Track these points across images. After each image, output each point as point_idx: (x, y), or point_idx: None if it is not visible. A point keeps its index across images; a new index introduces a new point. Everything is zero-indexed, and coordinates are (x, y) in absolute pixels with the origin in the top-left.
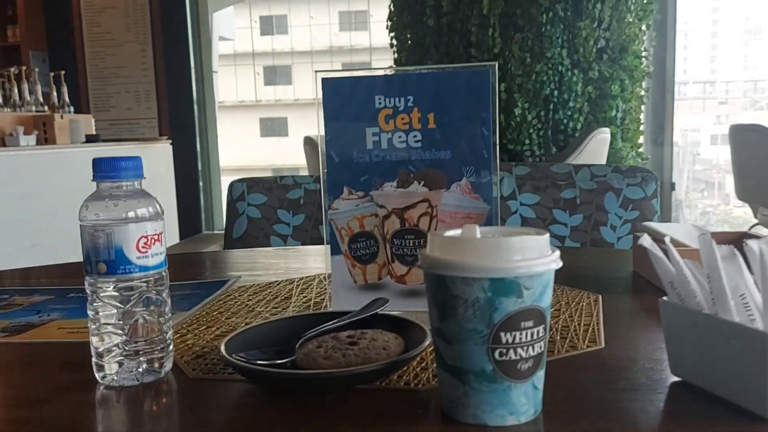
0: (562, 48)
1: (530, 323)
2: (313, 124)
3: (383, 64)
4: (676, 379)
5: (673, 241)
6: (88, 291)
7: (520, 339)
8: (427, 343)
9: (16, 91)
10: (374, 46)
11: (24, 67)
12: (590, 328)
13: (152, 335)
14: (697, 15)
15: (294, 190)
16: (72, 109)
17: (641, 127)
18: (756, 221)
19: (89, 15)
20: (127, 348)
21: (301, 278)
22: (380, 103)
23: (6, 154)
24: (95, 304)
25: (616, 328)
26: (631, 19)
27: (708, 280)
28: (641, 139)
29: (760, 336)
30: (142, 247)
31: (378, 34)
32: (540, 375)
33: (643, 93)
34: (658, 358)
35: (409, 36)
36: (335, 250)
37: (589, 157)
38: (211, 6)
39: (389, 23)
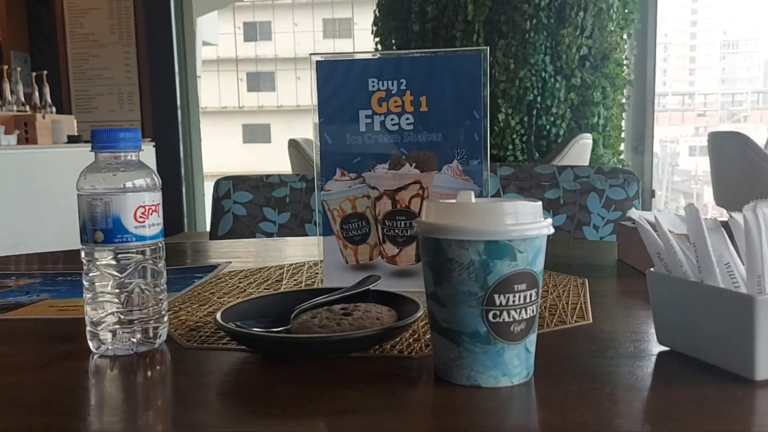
0: (545, 55)
1: (523, 286)
2: (297, 131)
3: None
4: (663, 348)
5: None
6: (84, 260)
7: (514, 301)
8: (419, 314)
9: None
10: None
11: (6, 66)
12: (578, 306)
13: (147, 305)
14: (676, 29)
15: (280, 189)
16: (54, 109)
17: (622, 134)
18: None
19: (72, 16)
20: (122, 317)
21: (291, 264)
22: (373, 86)
23: None
24: (91, 273)
25: (603, 306)
26: (612, 28)
27: (694, 249)
28: (622, 146)
29: (747, 299)
30: (140, 217)
31: (362, 41)
32: (532, 338)
33: (624, 101)
34: (645, 331)
35: (393, 41)
36: (327, 231)
37: (572, 162)
38: (196, 10)
39: (374, 28)
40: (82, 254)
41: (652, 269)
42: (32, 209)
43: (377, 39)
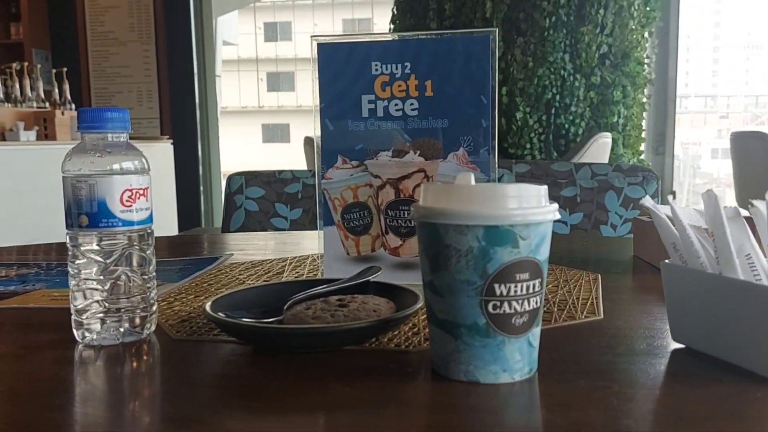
0: (564, 53)
1: (526, 275)
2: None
3: None
4: (677, 345)
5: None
6: (69, 246)
7: (515, 292)
8: (418, 306)
9: (17, 86)
10: None
11: (26, 63)
12: (589, 302)
13: (134, 293)
14: (698, 29)
15: (292, 184)
16: (73, 106)
17: (643, 134)
18: None
19: (93, 14)
20: (107, 305)
21: (295, 257)
22: (377, 70)
23: (5, 149)
24: (77, 260)
25: (616, 303)
26: (633, 26)
27: (713, 239)
28: (642, 147)
29: None
30: (126, 201)
31: None
32: (536, 332)
33: (645, 100)
34: (659, 327)
35: None
36: (328, 221)
37: (591, 161)
38: (215, 9)
39: (392, 26)
40: (67, 239)
41: (666, 261)
42: (49, 205)
43: None
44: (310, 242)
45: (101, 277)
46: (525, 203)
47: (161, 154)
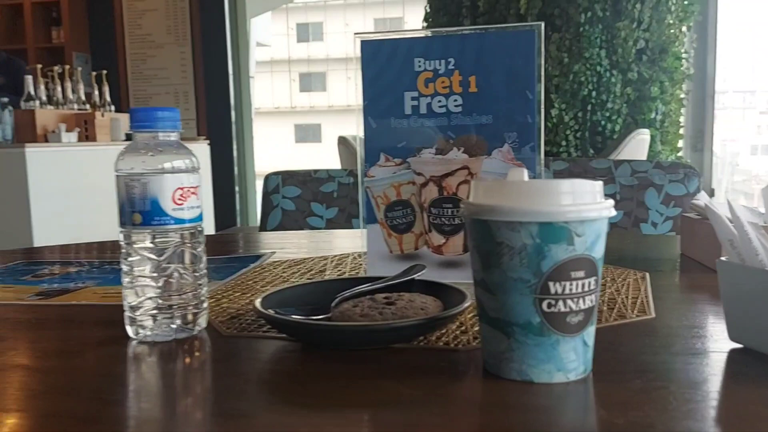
0: (600, 48)
1: (581, 273)
2: (346, 130)
3: None
4: (734, 345)
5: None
6: (122, 243)
7: (570, 290)
8: (467, 304)
9: (59, 89)
10: None
11: (67, 66)
12: (638, 301)
13: (186, 290)
14: (737, 22)
15: (328, 184)
16: (113, 108)
17: (681, 131)
18: None
19: (131, 17)
20: (160, 302)
21: (335, 255)
22: (420, 66)
23: (48, 150)
24: (130, 258)
25: (666, 301)
26: (671, 21)
27: None
28: (680, 143)
29: None
30: (178, 199)
31: None
32: (591, 331)
33: (683, 96)
34: (714, 326)
35: None
36: (371, 219)
37: (628, 159)
38: (249, 11)
39: (425, 24)
40: (121, 237)
41: (723, 258)
42: (90, 205)
43: None
44: (347, 241)
45: (154, 274)
46: (579, 199)
47: (198, 154)
